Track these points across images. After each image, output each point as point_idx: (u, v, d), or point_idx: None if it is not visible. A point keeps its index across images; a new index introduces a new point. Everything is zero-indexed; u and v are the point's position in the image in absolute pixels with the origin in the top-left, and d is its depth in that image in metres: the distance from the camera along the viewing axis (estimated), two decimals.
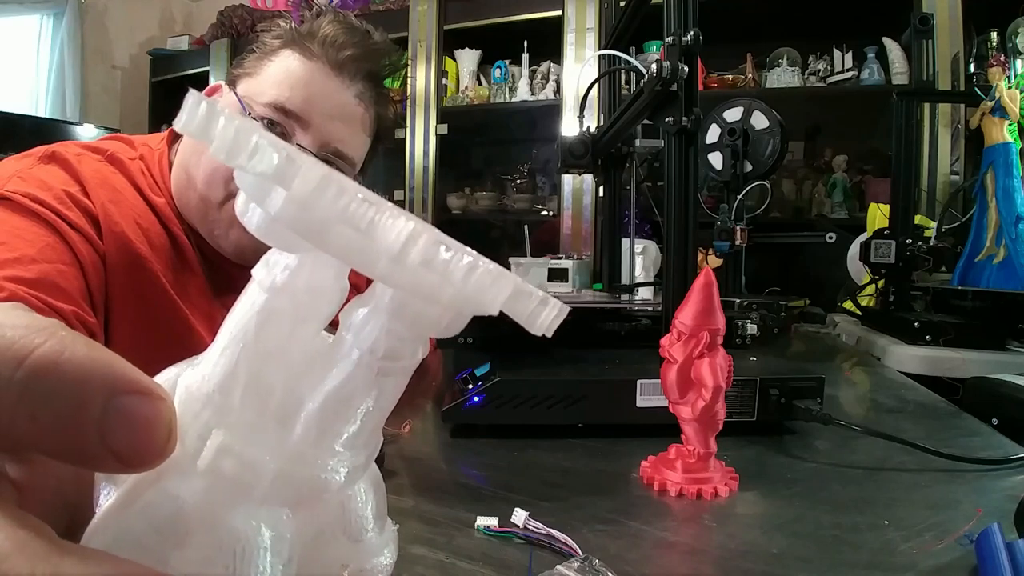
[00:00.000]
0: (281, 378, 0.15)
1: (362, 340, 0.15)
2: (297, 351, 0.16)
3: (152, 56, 3.06)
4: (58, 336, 0.12)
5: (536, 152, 2.54)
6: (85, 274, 0.60)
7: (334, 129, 0.70)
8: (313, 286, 0.16)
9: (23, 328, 0.12)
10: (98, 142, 0.71)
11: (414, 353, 0.16)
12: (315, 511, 0.15)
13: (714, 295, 0.45)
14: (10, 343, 0.12)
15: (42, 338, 0.12)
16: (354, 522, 0.16)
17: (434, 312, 0.15)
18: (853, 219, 1.99)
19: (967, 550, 0.35)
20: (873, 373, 0.95)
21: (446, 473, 0.50)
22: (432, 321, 0.16)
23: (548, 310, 0.15)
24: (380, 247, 0.13)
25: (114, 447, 0.12)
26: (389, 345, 0.15)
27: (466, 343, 0.69)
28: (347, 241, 0.13)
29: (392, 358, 0.15)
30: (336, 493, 0.15)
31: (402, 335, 0.15)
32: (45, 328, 0.12)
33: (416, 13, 2.38)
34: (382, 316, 0.15)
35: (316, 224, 0.13)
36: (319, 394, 0.15)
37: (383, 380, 0.16)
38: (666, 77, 0.58)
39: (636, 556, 0.36)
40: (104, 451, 0.12)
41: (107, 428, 0.12)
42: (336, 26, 0.70)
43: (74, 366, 0.12)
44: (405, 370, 0.16)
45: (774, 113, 1.23)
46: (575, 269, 0.90)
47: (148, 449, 0.12)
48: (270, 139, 0.13)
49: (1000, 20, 1.83)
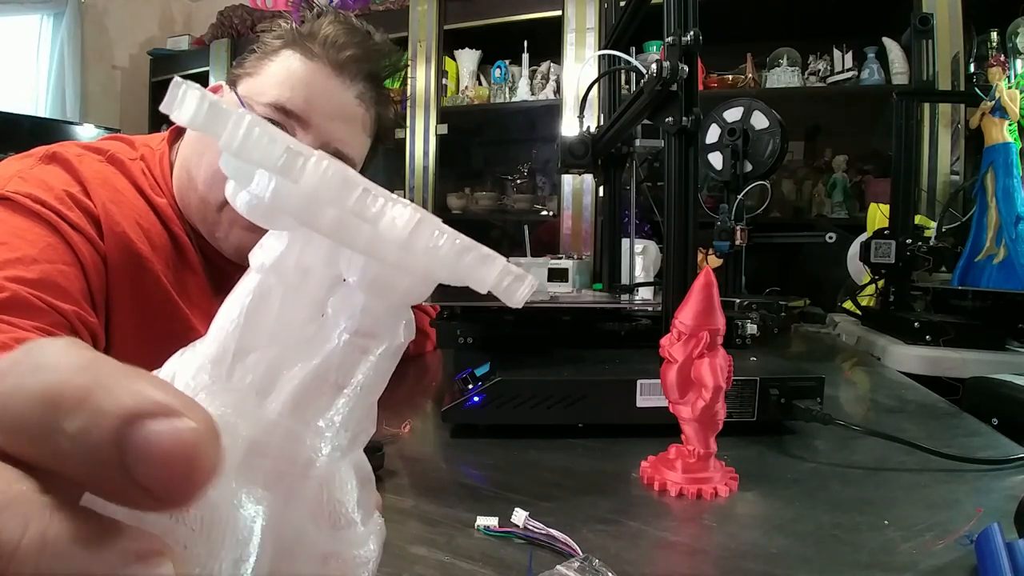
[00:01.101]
0: (268, 355, 0.15)
1: (338, 316, 0.16)
2: (286, 329, 0.16)
3: (152, 56, 3.06)
4: (96, 371, 0.11)
5: (536, 152, 2.54)
6: (86, 274, 0.60)
7: (334, 129, 0.70)
8: (302, 266, 0.16)
9: (67, 370, 0.11)
10: (99, 142, 0.72)
11: (394, 332, 0.16)
12: (294, 493, 0.15)
13: (714, 295, 0.45)
14: (52, 386, 0.11)
15: (76, 376, 0.11)
16: (335, 509, 0.15)
17: (404, 283, 0.16)
18: (853, 219, 1.99)
19: (967, 550, 0.35)
20: (873, 373, 0.95)
21: (446, 473, 0.51)
22: (402, 293, 0.16)
23: (524, 287, 0.16)
24: (388, 236, 0.14)
25: (142, 483, 0.11)
26: (365, 322, 0.15)
27: (466, 343, 0.69)
28: (340, 224, 0.14)
29: (370, 335, 0.16)
30: (315, 474, 0.15)
31: (377, 311, 0.16)
32: (87, 367, 0.12)
33: (416, 13, 2.38)
34: (356, 293, 0.16)
35: (305, 203, 0.14)
36: (299, 370, 0.15)
37: (364, 359, 0.16)
38: (666, 77, 0.58)
39: (636, 556, 0.36)
40: (135, 489, 0.11)
41: (129, 460, 0.11)
42: (337, 27, 0.71)
43: (99, 399, 0.11)
44: (389, 352, 0.16)
45: (774, 113, 1.23)
46: (575, 269, 0.90)
47: (179, 482, 0.11)
48: (271, 131, 0.14)
49: (1000, 20, 1.83)
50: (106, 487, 0.11)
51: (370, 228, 0.14)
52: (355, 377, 0.16)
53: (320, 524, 0.15)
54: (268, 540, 0.14)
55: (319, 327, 0.16)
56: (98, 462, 0.11)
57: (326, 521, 0.15)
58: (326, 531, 0.15)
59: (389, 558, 0.35)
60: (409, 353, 0.95)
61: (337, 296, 0.16)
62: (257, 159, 0.13)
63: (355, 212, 0.14)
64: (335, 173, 0.14)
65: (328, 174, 0.14)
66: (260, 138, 0.13)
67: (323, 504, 0.15)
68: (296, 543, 0.15)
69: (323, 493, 0.15)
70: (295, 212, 0.14)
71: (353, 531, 0.16)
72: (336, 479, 0.16)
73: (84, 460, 0.11)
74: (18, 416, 0.11)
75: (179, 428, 0.11)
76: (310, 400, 0.15)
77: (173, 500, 0.11)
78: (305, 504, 0.15)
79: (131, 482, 0.11)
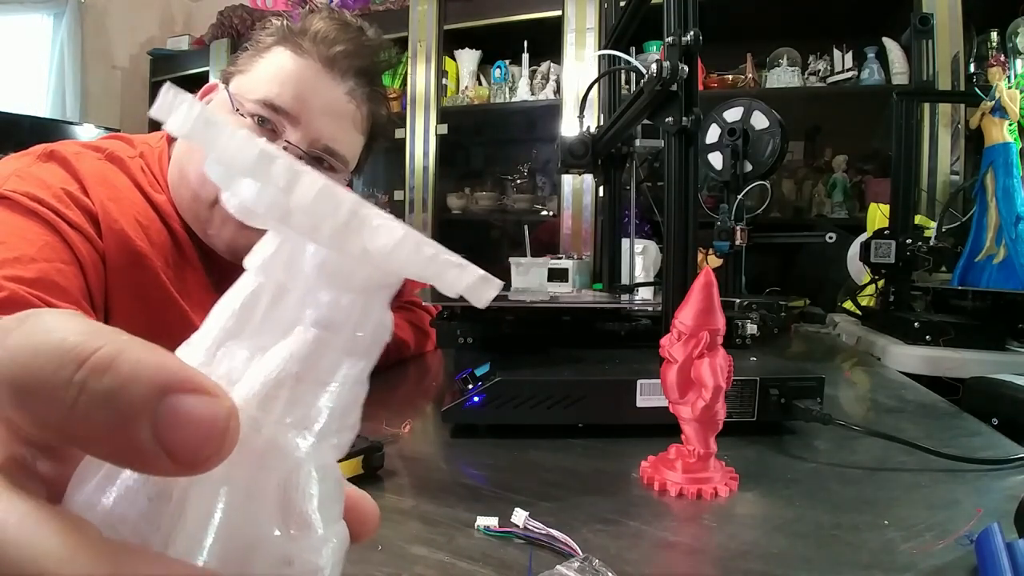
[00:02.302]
0: (246, 349, 0.15)
1: (303, 309, 0.16)
2: (272, 327, 0.16)
3: (152, 56, 3.06)
4: (117, 340, 0.12)
5: (536, 152, 2.54)
6: (84, 272, 0.60)
7: (324, 126, 0.70)
8: (290, 265, 0.16)
9: (85, 333, 0.12)
10: (97, 141, 0.72)
11: (360, 327, 0.16)
12: (254, 487, 0.14)
13: (714, 295, 0.45)
14: (72, 346, 0.12)
15: (102, 341, 0.12)
16: (294, 509, 0.15)
17: (362, 275, 0.16)
18: (853, 219, 1.99)
19: (967, 550, 0.35)
20: (873, 373, 0.95)
21: (446, 473, 0.50)
22: (362, 285, 0.16)
23: (491, 288, 0.16)
24: (358, 245, 0.15)
25: (167, 446, 0.12)
26: (330, 315, 0.16)
27: (466, 343, 0.69)
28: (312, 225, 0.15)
29: (334, 329, 0.16)
30: (275, 466, 0.15)
31: (343, 304, 0.16)
32: (106, 333, 0.12)
33: (416, 13, 2.38)
34: (321, 287, 0.16)
35: (295, 214, 0.15)
36: (266, 363, 0.15)
37: (327, 354, 0.16)
38: (666, 77, 0.58)
39: (636, 556, 0.36)
40: (157, 451, 0.12)
41: (160, 426, 0.12)
42: (328, 22, 0.70)
43: (129, 365, 0.12)
44: (357, 350, 0.16)
45: (774, 113, 1.23)
46: (575, 269, 0.90)
47: (203, 447, 0.12)
48: (266, 148, 0.14)
49: (1000, 20, 1.83)
50: (124, 448, 0.12)
51: (356, 238, 0.15)
52: (318, 372, 0.15)
53: (279, 524, 0.15)
54: (225, 532, 0.14)
55: (295, 323, 0.16)
56: (123, 423, 0.12)
57: (284, 521, 0.15)
58: (284, 532, 0.15)
59: (389, 558, 0.35)
60: (409, 353, 0.95)
61: (305, 290, 0.16)
62: (247, 172, 0.14)
63: (346, 225, 0.15)
64: (326, 190, 0.14)
65: (321, 191, 0.14)
66: (251, 149, 0.14)
67: (282, 503, 0.15)
68: (255, 541, 0.14)
69: (283, 491, 0.15)
70: (285, 221, 0.15)
71: (309, 535, 0.15)
72: (297, 477, 0.15)
73: (108, 419, 0.12)
74: (29, 369, 0.12)
75: (215, 404, 0.12)
76: (274, 393, 0.15)
77: (196, 466, 0.12)
78: (266, 501, 0.15)
79: (156, 446, 0.12)
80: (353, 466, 0.45)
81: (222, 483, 0.14)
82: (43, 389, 0.12)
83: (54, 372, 0.12)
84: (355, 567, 0.34)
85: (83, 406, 0.12)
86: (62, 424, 0.12)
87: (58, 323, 0.12)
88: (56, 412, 0.12)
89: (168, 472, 0.12)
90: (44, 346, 0.12)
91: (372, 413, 0.69)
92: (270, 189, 0.14)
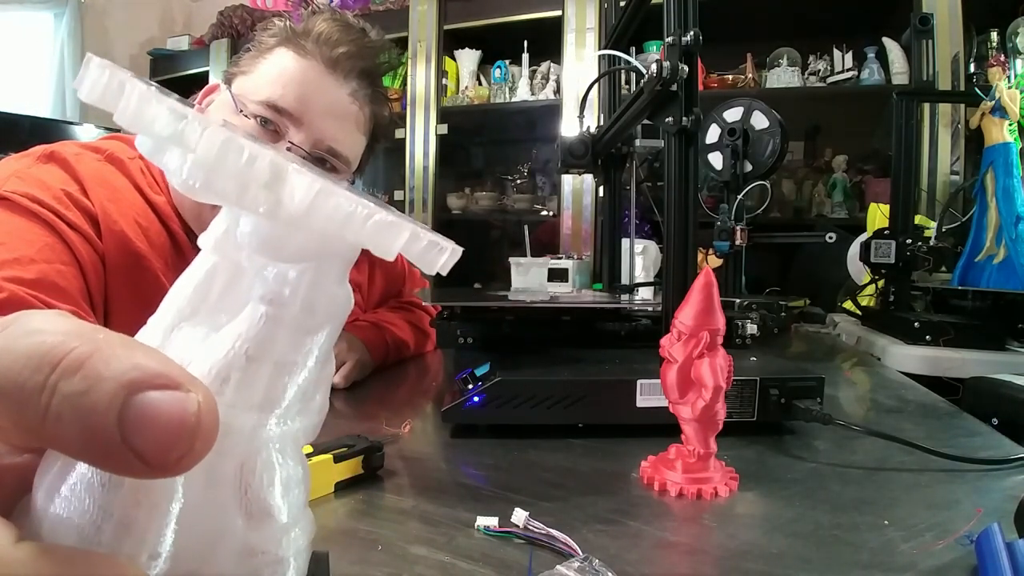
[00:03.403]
0: (203, 333, 0.15)
1: (252, 285, 0.15)
2: (227, 307, 0.15)
3: (152, 56, 3.06)
4: (94, 339, 0.12)
5: (536, 152, 2.54)
6: (84, 274, 0.60)
7: (327, 127, 0.70)
8: (239, 241, 0.16)
9: (64, 334, 0.12)
10: (97, 142, 0.72)
11: (306, 299, 0.15)
12: (213, 474, 0.14)
13: (714, 295, 0.45)
14: (48, 349, 0.12)
15: (77, 342, 0.12)
16: (253, 495, 0.14)
17: (296, 243, 0.15)
18: (853, 219, 1.99)
19: (967, 550, 0.35)
20: (873, 373, 0.95)
21: (446, 473, 0.50)
22: (296, 253, 0.15)
23: (445, 256, 0.15)
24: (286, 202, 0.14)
25: (135, 447, 0.11)
26: (268, 289, 0.15)
27: (466, 343, 0.69)
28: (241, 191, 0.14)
29: (276, 304, 0.15)
30: (231, 450, 0.14)
31: (281, 276, 0.15)
32: (85, 334, 0.12)
33: (416, 13, 2.38)
34: (261, 262, 0.15)
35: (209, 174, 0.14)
36: (216, 341, 0.15)
37: (277, 330, 0.15)
38: (666, 77, 0.58)
39: (636, 556, 0.36)
40: (126, 452, 0.11)
41: (126, 427, 0.11)
42: (331, 24, 0.70)
43: (101, 365, 0.12)
44: (312, 326, 0.15)
45: (774, 113, 1.23)
46: (575, 269, 0.90)
47: (172, 448, 0.12)
48: (169, 104, 0.13)
49: (1000, 20, 1.83)
50: (94, 451, 0.12)
51: (269, 194, 0.14)
52: (271, 351, 0.15)
53: (241, 514, 0.14)
54: (185, 523, 0.13)
55: (244, 300, 0.15)
56: (91, 425, 0.11)
57: (244, 510, 0.14)
58: (245, 522, 0.14)
59: (389, 558, 0.35)
60: (409, 353, 0.95)
61: (256, 267, 0.15)
62: (146, 129, 0.13)
63: (267, 185, 0.14)
64: (226, 139, 0.14)
65: (219, 140, 0.13)
66: (150, 108, 0.13)
67: (241, 490, 0.14)
68: (216, 533, 0.14)
69: (241, 478, 0.14)
70: (211, 188, 0.14)
71: (270, 524, 0.15)
72: (255, 463, 0.14)
73: (77, 421, 0.11)
74: (9, 373, 0.12)
75: (183, 400, 0.12)
76: (224, 374, 0.14)
77: (167, 468, 0.12)
78: (225, 489, 0.14)
79: (124, 447, 0.11)
80: (353, 466, 0.45)
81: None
82: (19, 393, 0.12)
83: (30, 376, 0.11)
84: (355, 567, 0.34)
85: (55, 409, 0.11)
86: (37, 428, 0.12)
87: (42, 325, 0.12)
88: (31, 416, 0.12)
89: (143, 474, 0.12)
90: (24, 350, 0.12)
91: (372, 413, 0.69)
92: (186, 154, 0.14)
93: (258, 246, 0.15)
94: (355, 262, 0.16)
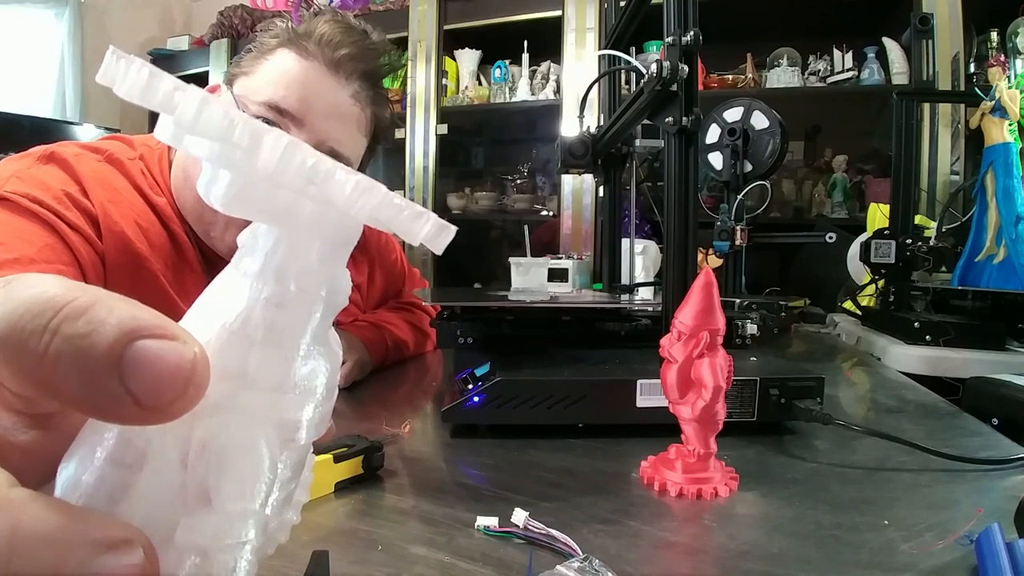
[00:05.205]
0: (216, 330, 0.15)
1: (242, 259, 0.16)
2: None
3: (152, 56, 3.06)
4: (96, 292, 0.13)
5: (536, 152, 2.54)
6: (84, 274, 0.60)
7: (329, 128, 0.70)
8: (265, 250, 0.16)
9: (66, 288, 0.13)
10: (97, 142, 0.72)
11: (301, 282, 0.15)
12: (159, 462, 0.13)
13: (714, 295, 0.45)
14: (51, 297, 0.12)
15: (80, 293, 0.13)
16: (200, 488, 0.14)
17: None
18: (853, 219, 1.99)
19: (967, 550, 0.35)
20: (873, 373, 0.95)
21: (446, 473, 0.50)
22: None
23: (427, 225, 0.15)
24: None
25: (133, 390, 0.12)
26: (264, 263, 0.16)
27: (466, 343, 0.69)
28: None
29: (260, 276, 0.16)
30: (176, 436, 0.14)
31: (252, 231, 0.16)
32: (86, 288, 0.13)
33: (416, 13, 2.38)
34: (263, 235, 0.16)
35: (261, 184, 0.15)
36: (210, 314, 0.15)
37: (270, 311, 0.15)
38: (666, 77, 0.58)
39: (636, 556, 0.36)
40: (123, 395, 0.12)
41: (125, 369, 0.12)
42: (333, 25, 0.70)
43: (103, 312, 0.12)
44: (282, 301, 0.15)
45: (774, 113, 1.23)
46: (575, 269, 0.89)
47: (166, 390, 0.12)
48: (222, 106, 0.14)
49: (1000, 20, 1.83)
50: (90, 392, 0.12)
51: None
52: (272, 330, 0.15)
53: (186, 506, 0.14)
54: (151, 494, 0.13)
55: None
56: (90, 366, 0.12)
57: (187, 503, 0.14)
58: (190, 515, 0.14)
59: (389, 558, 0.35)
60: (409, 353, 0.95)
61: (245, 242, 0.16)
62: (206, 132, 0.14)
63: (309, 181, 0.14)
64: (289, 147, 0.14)
65: (283, 149, 0.14)
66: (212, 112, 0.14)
67: (186, 480, 0.14)
68: (165, 529, 0.13)
69: (185, 467, 0.14)
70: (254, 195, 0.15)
71: (213, 515, 0.14)
72: (204, 451, 0.14)
73: (76, 362, 0.12)
74: (10, 320, 0.12)
75: (180, 348, 0.13)
76: (211, 348, 0.14)
77: (162, 413, 0.12)
78: (172, 479, 0.14)
79: (121, 389, 0.12)
80: (353, 466, 0.45)
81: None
82: (21, 336, 0.12)
83: (32, 320, 0.12)
84: (355, 567, 0.34)
85: (55, 350, 0.12)
86: (37, 370, 0.12)
87: (42, 280, 0.13)
88: (31, 358, 0.12)
89: (135, 420, 0.12)
90: (26, 298, 0.12)
91: (372, 413, 0.69)
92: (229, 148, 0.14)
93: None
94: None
